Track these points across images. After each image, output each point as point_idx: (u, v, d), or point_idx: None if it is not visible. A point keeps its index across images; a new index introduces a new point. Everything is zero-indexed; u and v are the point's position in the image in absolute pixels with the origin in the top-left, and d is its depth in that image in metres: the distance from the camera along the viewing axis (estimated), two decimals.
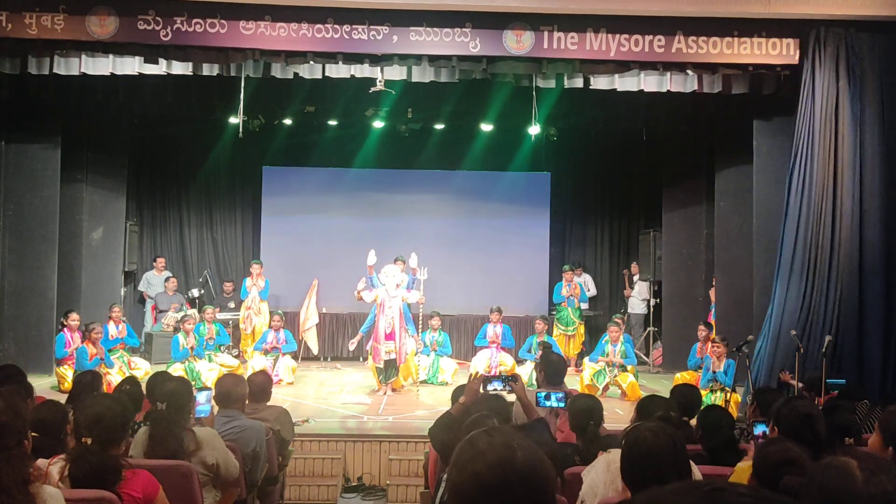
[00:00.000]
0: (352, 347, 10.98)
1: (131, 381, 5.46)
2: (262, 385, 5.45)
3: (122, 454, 3.50)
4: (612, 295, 14.79)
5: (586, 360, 11.21)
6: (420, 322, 10.76)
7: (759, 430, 4.29)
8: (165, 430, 4.05)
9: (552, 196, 14.49)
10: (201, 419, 4.51)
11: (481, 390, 4.39)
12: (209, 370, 10.90)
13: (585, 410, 4.25)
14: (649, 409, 4.15)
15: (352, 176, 14.20)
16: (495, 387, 4.43)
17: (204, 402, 4.58)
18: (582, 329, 13.01)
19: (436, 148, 13.80)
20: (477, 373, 4.61)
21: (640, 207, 14.61)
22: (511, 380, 4.52)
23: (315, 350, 13.16)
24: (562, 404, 4.56)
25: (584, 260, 14.79)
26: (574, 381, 10.30)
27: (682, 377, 10.47)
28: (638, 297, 14.19)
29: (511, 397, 4.62)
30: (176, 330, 11.55)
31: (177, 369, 10.66)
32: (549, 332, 12.27)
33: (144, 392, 5.33)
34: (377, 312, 10.14)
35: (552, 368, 5.36)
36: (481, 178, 14.38)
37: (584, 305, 13.30)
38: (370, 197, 14.21)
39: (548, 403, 4.57)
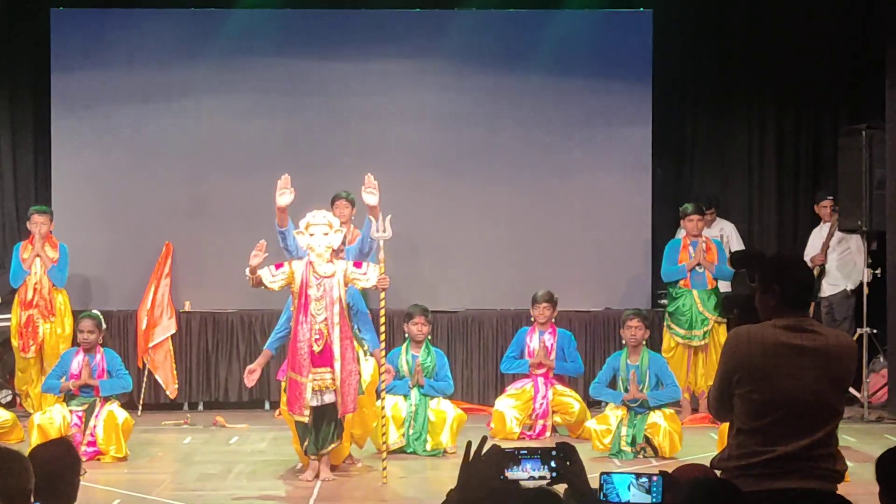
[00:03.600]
0: (249, 383, 8.15)
1: None
2: (56, 468, 3.85)
3: None
4: None
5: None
6: (387, 325, 7.93)
7: None
8: None
9: (657, 60, 10.06)
10: None
11: (495, 478, 3.07)
12: None
13: None
14: None
15: (244, 23, 10.05)
16: (526, 474, 3.06)
17: None
18: (723, 334, 9.29)
19: None
20: (485, 438, 3.06)
21: (836, 88, 10.70)
22: (560, 457, 3.09)
23: (171, 390, 9.72)
24: (656, 498, 3.20)
25: (726, 193, 10.55)
26: (706, 438, 8.19)
27: None
28: (839, 268, 10.08)
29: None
30: None
31: None
32: (655, 340, 9.50)
33: None
34: (296, 308, 7.55)
35: (793, 283, 3.90)
36: (511, 26, 10.23)
37: (726, 285, 9.54)
38: (284, 68, 10.23)
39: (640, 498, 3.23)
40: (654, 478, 3.18)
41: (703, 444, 7.68)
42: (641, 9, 10.01)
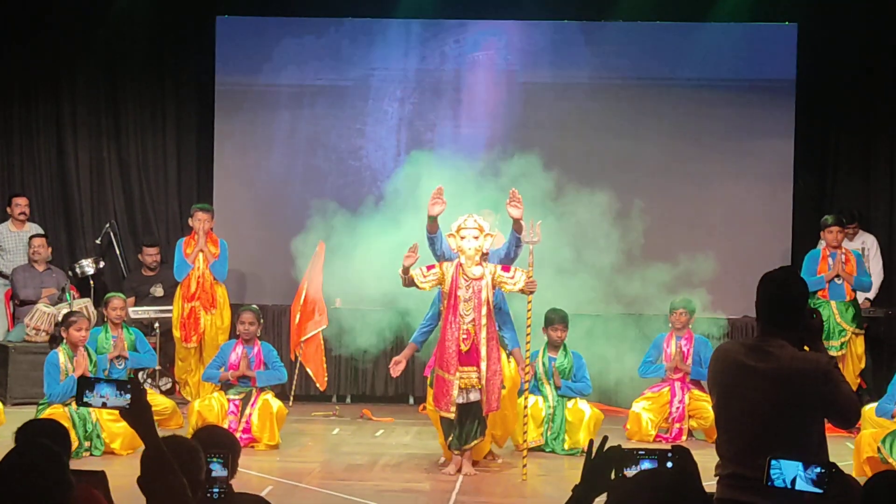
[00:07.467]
0: (394, 374, 8.33)
1: None
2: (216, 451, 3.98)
3: None
4: None
5: (866, 408, 7.90)
6: (530, 328, 7.97)
7: None
8: None
9: (801, 73, 10.14)
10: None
11: (612, 474, 3.15)
12: (118, 420, 8.22)
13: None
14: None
15: (394, 33, 10.47)
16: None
17: (220, 471, 3.67)
18: (860, 345, 9.27)
19: None
20: (606, 438, 3.19)
21: None
22: (675, 458, 3.15)
23: (321, 382, 9.84)
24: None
25: (869, 206, 10.37)
26: (842, 447, 8.09)
27: None
28: None
29: None
30: (54, 340, 9.32)
31: (57, 414, 8.19)
32: None
33: None
34: (444, 308, 7.70)
35: (762, 300, 3.81)
36: (656, 37, 10.41)
37: (866, 297, 9.62)
38: (430, 77, 10.53)
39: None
40: (823, 468, 3.19)
41: (840, 452, 6.97)
42: (787, 22, 9.97)
